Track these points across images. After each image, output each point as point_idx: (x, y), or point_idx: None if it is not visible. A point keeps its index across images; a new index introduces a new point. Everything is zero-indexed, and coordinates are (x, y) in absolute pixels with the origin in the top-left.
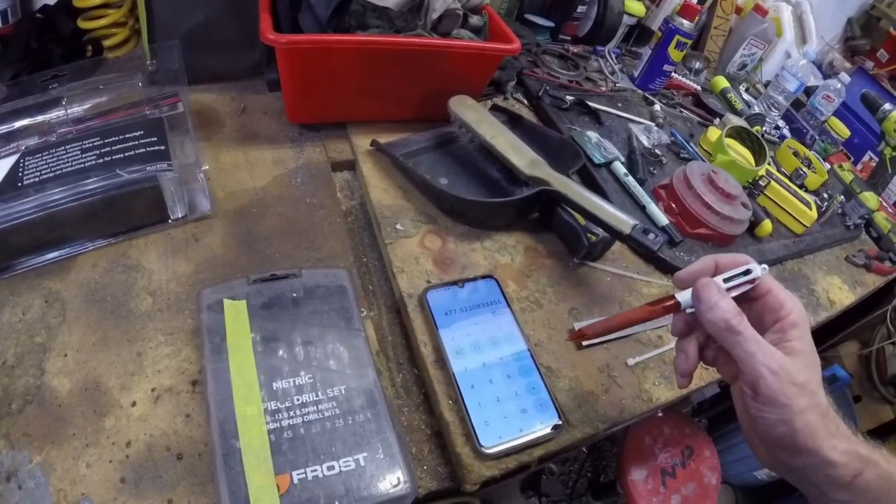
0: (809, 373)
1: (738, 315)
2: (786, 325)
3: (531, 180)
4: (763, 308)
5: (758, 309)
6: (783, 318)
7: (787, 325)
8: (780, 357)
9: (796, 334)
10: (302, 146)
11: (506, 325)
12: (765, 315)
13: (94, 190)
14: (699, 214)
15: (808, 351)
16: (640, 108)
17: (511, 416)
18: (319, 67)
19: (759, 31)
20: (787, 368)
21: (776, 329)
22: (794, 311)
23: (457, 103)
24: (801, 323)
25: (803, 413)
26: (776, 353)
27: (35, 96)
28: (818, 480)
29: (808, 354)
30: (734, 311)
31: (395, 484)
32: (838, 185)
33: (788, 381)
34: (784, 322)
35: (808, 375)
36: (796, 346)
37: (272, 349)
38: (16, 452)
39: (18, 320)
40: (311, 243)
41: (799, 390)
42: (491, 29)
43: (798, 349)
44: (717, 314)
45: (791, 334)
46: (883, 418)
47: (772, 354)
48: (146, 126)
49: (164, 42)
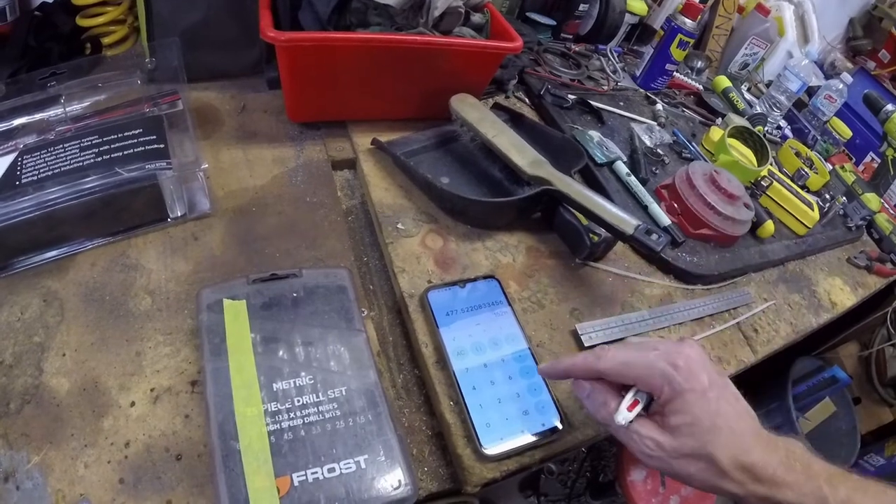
0: (697, 439)
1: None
2: (662, 404)
3: (533, 180)
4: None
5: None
6: (659, 400)
7: (663, 404)
8: (655, 441)
9: (672, 409)
10: (302, 145)
11: (507, 326)
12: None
13: (93, 188)
14: (702, 215)
15: (688, 422)
16: (642, 108)
17: (513, 418)
18: (320, 65)
19: (761, 31)
20: (666, 447)
21: (659, 412)
22: (665, 389)
23: (458, 102)
24: (674, 398)
25: (696, 477)
26: (651, 438)
27: (33, 94)
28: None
29: (688, 425)
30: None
31: (396, 486)
32: (840, 186)
33: (670, 458)
34: (660, 402)
35: (695, 442)
36: (671, 421)
37: (272, 350)
38: (14, 453)
39: (17, 319)
40: (312, 243)
41: (686, 461)
42: (493, 27)
43: (674, 425)
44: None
45: (666, 411)
46: (883, 420)
47: (644, 442)
48: (145, 124)
49: (163, 40)
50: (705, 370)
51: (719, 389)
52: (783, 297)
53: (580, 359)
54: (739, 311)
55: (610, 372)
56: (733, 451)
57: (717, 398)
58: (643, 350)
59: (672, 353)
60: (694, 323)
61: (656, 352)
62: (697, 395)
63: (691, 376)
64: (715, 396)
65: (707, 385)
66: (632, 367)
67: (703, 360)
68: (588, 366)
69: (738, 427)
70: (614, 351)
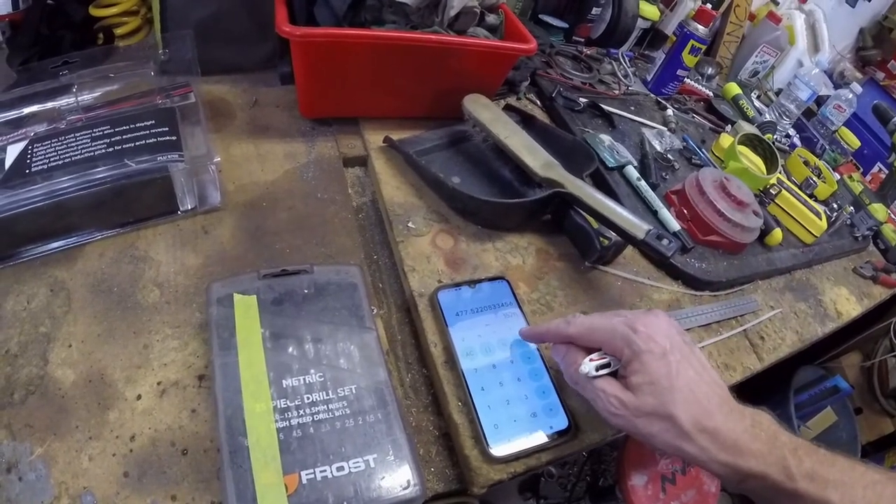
0: (657, 398)
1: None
2: (624, 366)
3: (545, 182)
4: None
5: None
6: (622, 361)
7: (625, 365)
8: (619, 399)
9: (632, 370)
10: (314, 141)
11: (517, 328)
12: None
13: (104, 179)
14: (711, 221)
15: (647, 381)
16: (653, 113)
17: (521, 420)
18: (334, 62)
19: (771, 39)
20: (628, 404)
21: (623, 374)
22: (626, 351)
23: (471, 102)
24: (633, 359)
25: (658, 437)
26: (615, 396)
27: (45, 83)
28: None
29: (648, 384)
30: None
31: (405, 486)
32: (847, 196)
33: (633, 417)
34: (623, 363)
35: (655, 401)
36: (633, 381)
37: (282, 346)
38: (17, 443)
39: (23, 309)
40: (322, 239)
41: (649, 419)
42: (507, 28)
43: (635, 383)
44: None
45: (628, 372)
46: (883, 430)
47: (609, 399)
48: (158, 116)
49: (177, 32)
50: (667, 336)
51: (682, 354)
52: (790, 305)
53: (553, 325)
54: (746, 319)
55: (577, 336)
56: (695, 413)
57: (679, 361)
58: (609, 317)
59: (633, 320)
60: (701, 329)
61: (620, 318)
62: (655, 356)
63: (650, 339)
64: (675, 360)
65: (668, 348)
66: (596, 331)
67: (667, 328)
68: (559, 331)
69: (700, 392)
70: (582, 318)
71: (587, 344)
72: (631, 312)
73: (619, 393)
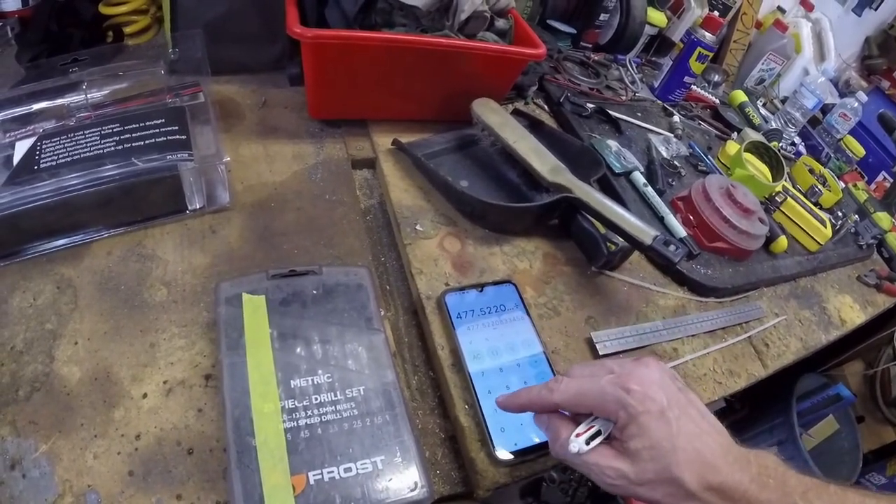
0: (658, 462)
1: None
2: (620, 430)
3: (553, 186)
4: None
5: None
6: (617, 426)
7: (620, 429)
8: (616, 470)
9: (629, 434)
10: (322, 142)
11: (523, 331)
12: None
13: (112, 177)
14: (717, 228)
15: (647, 445)
16: (660, 119)
17: (527, 423)
18: (344, 64)
19: (778, 47)
20: (628, 474)
21: (619, 438)
22: (621, 415)
23: (480, 106)
24: (629, 422)
25: (665, 500)
26: (611, 467)
27: (54, 80)
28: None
29: (648, 448)
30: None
31: (413, 487)
32: (852, 204)
33: (633, 486)
34: (618, 426)
35: (657, 466)
36: (631, 447)
37: (290, 346)
38: (21, 440)
39: (29, 305)
40: (330, 240)
41: (651, 486)
42: (516, 33)
43: (633, 449)
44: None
45: (625, 437)
46: (885, 439)
47: (604, 471)
48: (168, 115)
49: (187, 31)
50: (662, 389)
51: (680, 408)
52: (794, 312)
53: (535, 392)
54: (751, 325)
55: (565, 404)
56: (700, 472)
57: (678, 417)
58: (596, 377)
59: (624, 377)
60: (706, 335)
61: (610, 376)
62: (654, 416)
63: (646, 398)
64: (675, 416)
65: (665, 405)
66: (585, 397)
67: (661, 380)
68: (543, 399)
69: (703, 446)
70: (567, 382)
71: (575, 410)
72: (619, 364)
73: (617, 463)
